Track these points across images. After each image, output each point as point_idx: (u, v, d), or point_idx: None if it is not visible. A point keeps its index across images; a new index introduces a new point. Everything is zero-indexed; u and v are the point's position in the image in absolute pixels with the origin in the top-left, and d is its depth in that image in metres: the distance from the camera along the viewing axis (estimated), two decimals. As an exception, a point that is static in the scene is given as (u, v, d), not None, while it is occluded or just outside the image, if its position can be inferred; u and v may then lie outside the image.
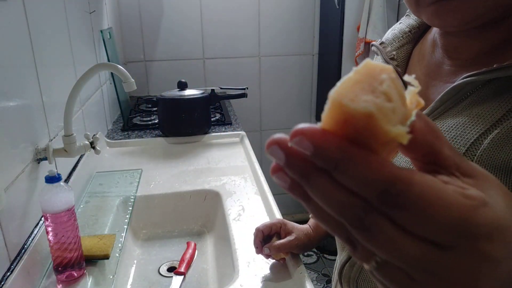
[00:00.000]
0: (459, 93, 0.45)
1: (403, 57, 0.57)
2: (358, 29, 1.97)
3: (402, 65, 0.56)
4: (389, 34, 0.60)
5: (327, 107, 0.21)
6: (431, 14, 0.44)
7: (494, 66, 0.42)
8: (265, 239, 0.78)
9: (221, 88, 1.63)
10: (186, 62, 2.17)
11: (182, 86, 1.50)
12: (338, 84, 0.21)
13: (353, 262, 0.59)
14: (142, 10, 2.05)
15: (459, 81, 0.45)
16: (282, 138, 0.22)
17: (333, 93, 0.21)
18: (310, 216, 0.83)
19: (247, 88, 1.57)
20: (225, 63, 2.21)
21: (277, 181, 0.24)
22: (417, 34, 0.57)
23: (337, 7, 1.98)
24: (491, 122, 0.42)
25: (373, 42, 0.61)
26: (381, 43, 0.59)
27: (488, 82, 0.44)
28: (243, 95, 1.53)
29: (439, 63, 0.51)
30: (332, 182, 0.21)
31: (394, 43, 0.58)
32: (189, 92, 1.47)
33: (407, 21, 0.59)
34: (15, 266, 0.69)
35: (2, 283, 0.65)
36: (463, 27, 0.44)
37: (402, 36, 0.58)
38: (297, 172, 0.22)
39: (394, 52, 0.57)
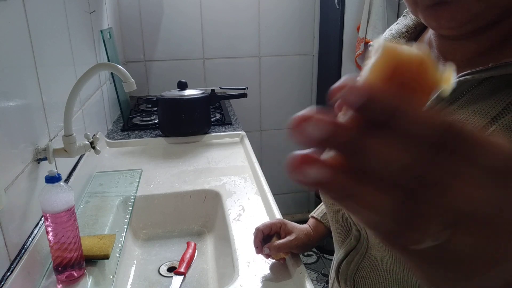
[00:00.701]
0: (455, 92, 0.46)
1: None
2: (358, 29, 1.97)
3: None
4: (387, 34, 0.60)
5: (377, 56, 0.21)
6: (428, 17, 0.45)
7: (490, 65, 0.42)
8: (265, 238, 0.78)
9: (221, 88, 1.63)
10: (186, 62, 2.17)
11: (182, 86, 1.50)
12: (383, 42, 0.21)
13: (350, 259, 0.59)
14: (142, 10, 2.05)
15: (454, 79, 0.45)
16: (309, 114, 0.20)
17: (383, 42, 0.21)
18: (310, 215, 0.83)
19: (247, 88, 1.57)
20: (225, 63, 2.21)
21: (308, 176, 0.21)
22: (414, 34, 0.58)
23: (337, 7, 1.98)
24: (487, 119, 0.42)
25: (370, 43, 0.61)
26: None
27: (484, 80, 0.44)
28: (243, 95, 1.53)
29: None
30: (389, 137, 0.20)
31: None
32: (189, 92, 1.47)
33: (404, 21, 0.59)
34: (15, 266, 0.69)
35: (2, 283, 0.65)
36: (459, 29, 0.45)
37: (399, 36, 0.58)
38: (346, 140, 0.20)
39: None
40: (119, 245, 0.89)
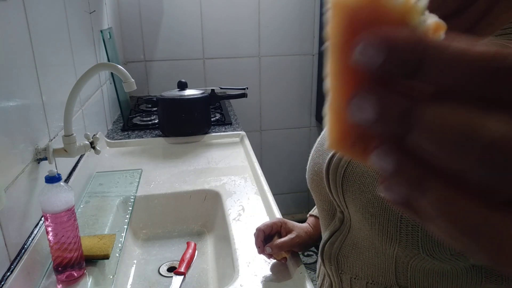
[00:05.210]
0: None
1: None
2: (358, 29, 1.97)
3: None
4: None
5: (329, 18, 0.19)
6: None
7: None
8: (266, 238, 0.79)
9: (221, 88, 1.63)
10: (186, 62, 2.17)
11: (182, 86, 1.50)
12: None
13: (333, 240, 0.60)
14: (142, 10, 2.05)
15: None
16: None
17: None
18: (308, 214, 0.83)
19: (247, 88, 1.57)
20: (225, 63, 2.21)
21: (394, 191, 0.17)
22: None
23: (337, 7, 1.98)
24: None
25: None
26: None
27: None
28: (243, 95, 1.53)
29: None
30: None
31: None
32: (189, 92, 1.47)
33: None
34: (15, 266, 0.69)
35: (2, 283, 0.65)
36: None
37: None
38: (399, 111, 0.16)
39: None
40: (119, 245, 0.89)
